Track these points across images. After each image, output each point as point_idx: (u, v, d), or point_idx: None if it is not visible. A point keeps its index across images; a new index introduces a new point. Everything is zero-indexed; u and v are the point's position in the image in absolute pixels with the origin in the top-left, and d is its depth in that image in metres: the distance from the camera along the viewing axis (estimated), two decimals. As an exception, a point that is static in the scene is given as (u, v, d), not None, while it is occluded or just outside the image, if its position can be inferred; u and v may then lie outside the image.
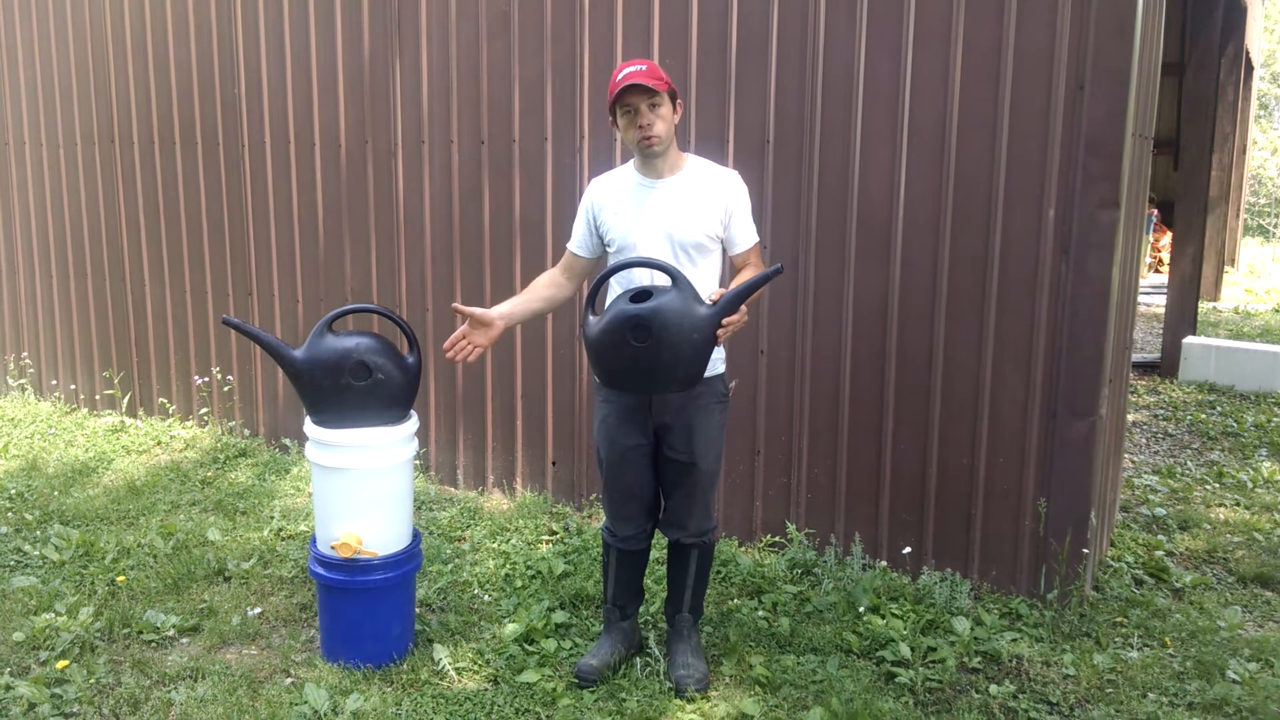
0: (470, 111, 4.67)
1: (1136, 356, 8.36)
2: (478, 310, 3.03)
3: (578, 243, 3.21)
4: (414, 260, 4.94)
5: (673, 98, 2.98)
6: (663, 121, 2.94)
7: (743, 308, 2.82)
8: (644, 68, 2.91)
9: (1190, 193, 7.99)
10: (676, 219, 2.99)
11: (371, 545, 3.18)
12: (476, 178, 4.70)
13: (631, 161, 3.11)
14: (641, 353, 2.78)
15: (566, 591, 3.74)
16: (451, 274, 4.84)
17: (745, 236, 3.08)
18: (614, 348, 2.82)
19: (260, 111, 5.30)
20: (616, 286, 3.05)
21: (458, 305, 3.03)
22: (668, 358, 2.78)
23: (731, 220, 3.04)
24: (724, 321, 2.79)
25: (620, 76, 2.91)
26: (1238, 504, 4.95)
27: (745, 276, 3.01)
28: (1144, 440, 6.11)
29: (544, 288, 3.25)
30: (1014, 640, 3.45)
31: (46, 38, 6.06)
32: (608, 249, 3.13)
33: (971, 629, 3.46)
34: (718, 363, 3.07)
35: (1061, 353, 3.58)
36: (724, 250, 3.12)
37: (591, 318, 2.90)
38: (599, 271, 3.04)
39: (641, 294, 2.84)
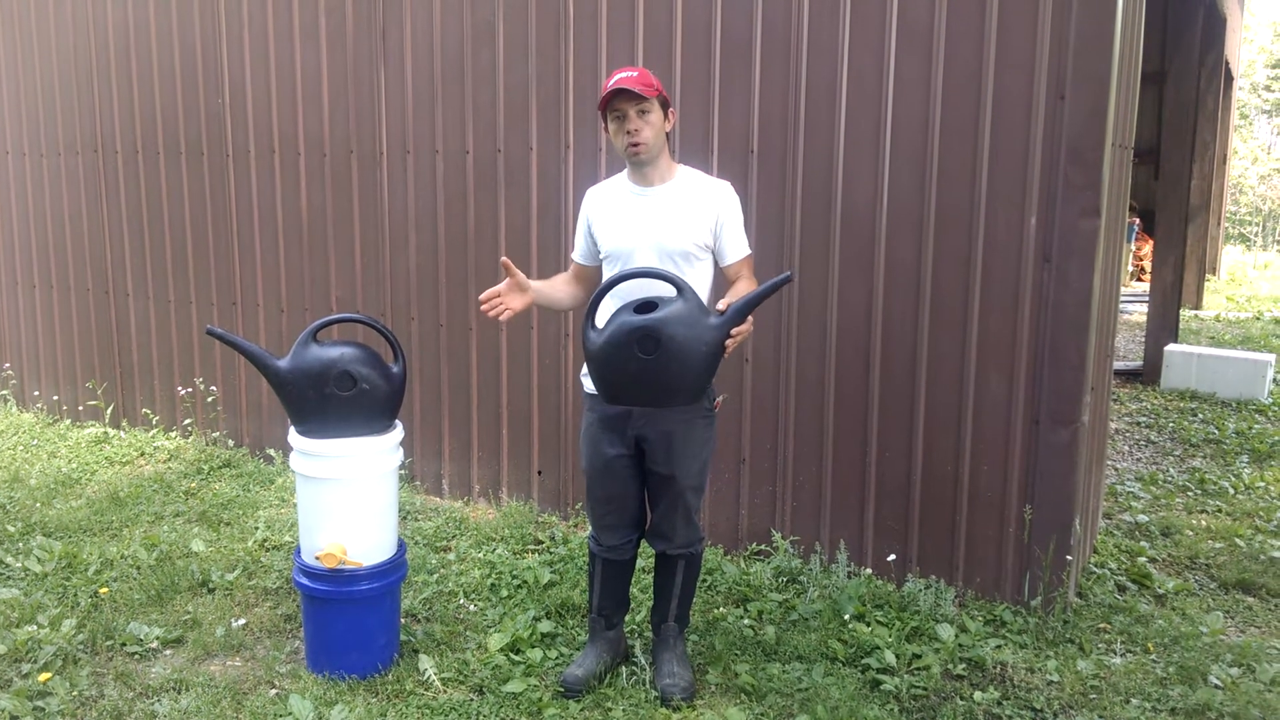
0: (455, 121, 4.68)
1: (1119, 364, 8.41)
2: (521, 275, 3.02)
3: (580, 252, 3.23)
4: (399, 270, 4.94)
5: (664, 106, 2.99)
6: (651, 128, 2.95)
7: (749, 317, 2.82)
8: (635, 74, 2.92)
9: (1171, 201, 8.06)
10: (665, 228, 2.99)
11: (356, 556, 3.18)
12: (461, 187, 4.71)
13: (625, 170, 3.12)
14: (649, 365, 2.71)
15: (552, 601, 3.73)
16: (436, 283, 4.84)
17: (736, 248, 3.08)
18: (619, 361, 2.74)
19: (244, 120, 5.29)
20: (612, 299, 3.01)
21: (506, 260, 3.00)
22: (675, 370, 2.72)
23: (722, 231, 3.04)
24: (733, 332, 2.78)
25: (611, 82, 2.92)
26: (1219, 510, 4.99)
27: (740, 288, 3.00)
28: (1126, 447, 6.15)
29: (563, 282, 3.29)
30: (998, 647, 3.46)
31: (29, 46, 6.04)
32: (601, 258, 3.13)
33: (956, 636, 3.48)
34: None
35: (1044, 360, 3.60)
36: (715, 261, 3.12)
37: (592, 332, 2.83)
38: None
39: (646, 304, 2.77)
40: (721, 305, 2.81)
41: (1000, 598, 3.77)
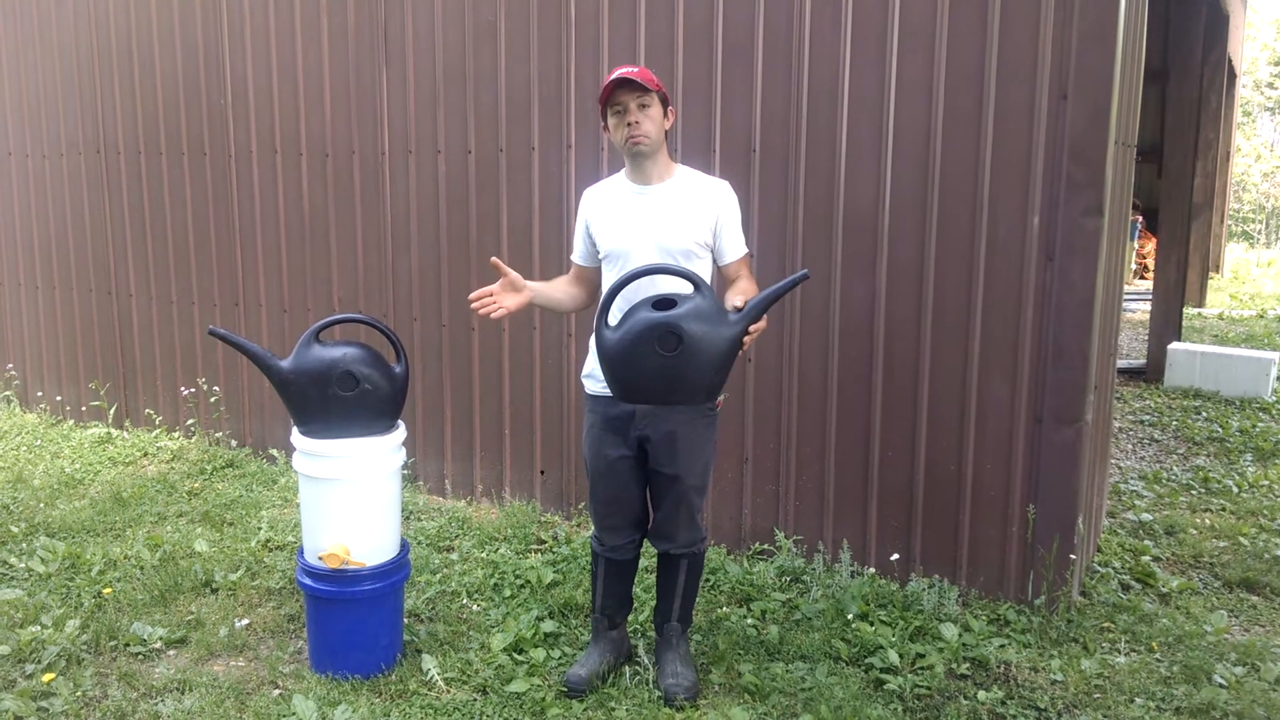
0: (457, 121, 4.68)
1: (1122, 363, 8.40)
2: (514, 273, 3.00)
3: (579, 253, 3.22)
4: (401, 270, 4.94)
5: (664, 102, 2.99)
6: (651, 122, 2.95)
7: (764, 315, 2.81)
8: (635, 70, 2.93)
9: (1174, 199, 8.05)
10: (665, 226, 2.99)
11: (359, 555, 3.18)
12: (463, 187, 4.71)
13: (623, 170, 3.12)
14: (669, 363, 2.68)
15: (555, 601, 3.73)
16: (438, 283, 4.84)
17: (735, 247, 3.08)
18: (638, 358, 2.71)
19: (247, 120, 5.29)
20: (621, 297, 2.95)
21: (497, 260, 2.98)
22: (695, 367, 2.70)
23: (721, 230, 3.04)
24: (751, 328, 2.77)
25: (612, 76, 2.92)
26: (1224, 509, 4.98)
27: (741, 286, 3.00)
28: (1130, 446, 6.14)
29: (564, 284, 3.27)
30: (1002, 646, 3.46)
31: (32, 46, 6.04)
32: (600, 257, 3.13)
33: (960, 635, 3.47)
34: None
35: (1047, 359, 3.60)
36: (713, 260, 3.12)
37: (607, 329, 2.80)
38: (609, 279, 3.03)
39: (664, 301, 2.76)
40: (738, 302, 2.80)
41: (1004, 597, 3.77)
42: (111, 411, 6.10)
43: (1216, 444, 6.14)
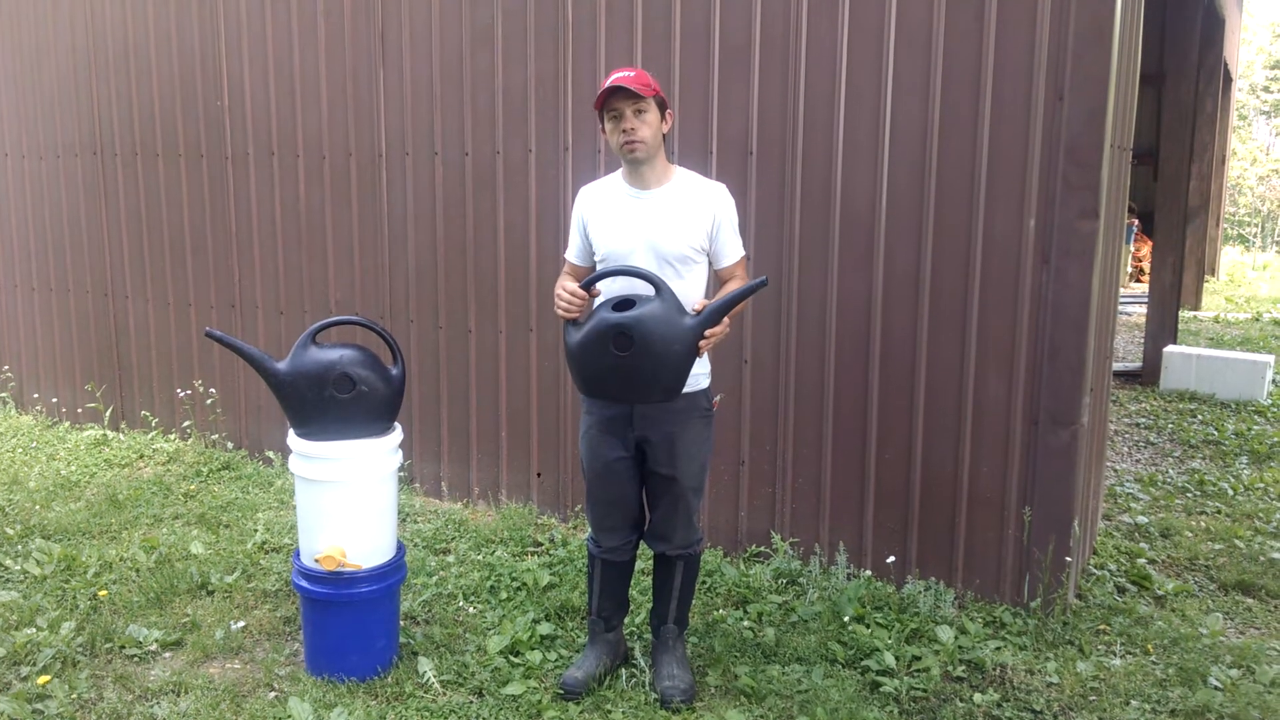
0: (454, 123, 4.68)
1: (1118, 365, 8.41)
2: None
3: (575, 252, 3.22)
4: (398, 272, 4.94)
5: (661, 106, 2.99)
6: (647, 127, 2.94)
7: (725, 319, 2.84)
8: (632, 74, 2.92)
9: (1170, 203, 8.06)
10: (662, 231, 2.99)
11: (356, 558, 3.17)
12: (460, 189, 4.71)
13: (620, 170, 3.12)
14: (622, 362, 2.78)
15: (552, 603, 3.73)
16: (435, 285, 4.84)
17: (731, 250, 3.08)
18: (595, 357, 2.82)
19: (243, 122, 5.29)
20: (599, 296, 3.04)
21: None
22: (649, 368, 2.79)
23: (718, 233, 3.05)
24: (706, 333, 2.80)
25: (608, 81, 2.92)
26: (1219, 512, 4.99)
27: (728, 289, 3.02)
28: (1126, 449, 6.15)
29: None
30: (998, 648, 3.46)
31: (29, 48, 6.04)
32: (595, 259, 3.13)
33: (956, 637, 3.47)
34: (701, 377, 3.06)
35: (1043, 361, 3.60)
36: (710, 263, 3.12)
37: (572, 328, 2.91)
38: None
39: (624, 303, 2.83)
40: (698, 305, 2.85)
41: (1000, 599, 3.77)
42: (108, 413, 6.09)
43: (1212, 447, 6.14)
